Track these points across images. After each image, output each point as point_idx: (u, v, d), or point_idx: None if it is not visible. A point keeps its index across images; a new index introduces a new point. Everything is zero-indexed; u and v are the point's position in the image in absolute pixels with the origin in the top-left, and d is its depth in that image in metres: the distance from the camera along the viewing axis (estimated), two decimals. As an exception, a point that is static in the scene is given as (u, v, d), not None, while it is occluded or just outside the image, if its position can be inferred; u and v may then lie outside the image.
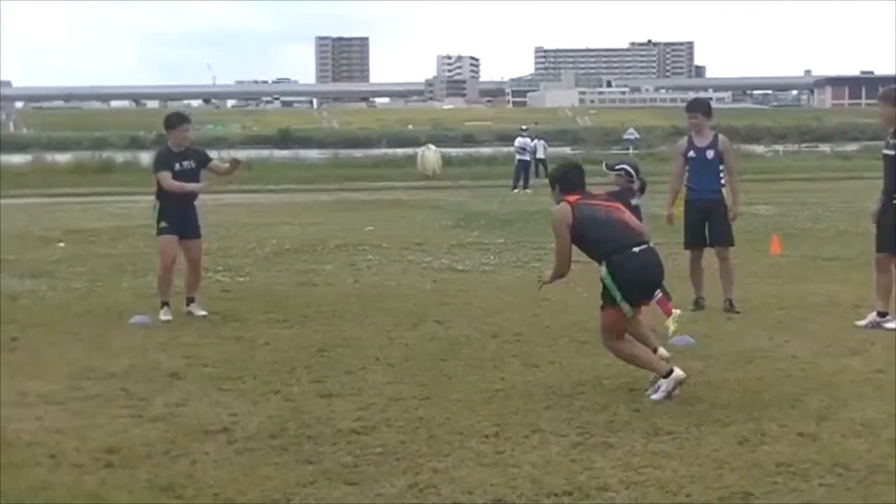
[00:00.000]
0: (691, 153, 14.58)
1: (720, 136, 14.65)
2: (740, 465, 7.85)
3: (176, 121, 14.72)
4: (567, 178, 10.35)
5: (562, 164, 11.13)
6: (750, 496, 7.24)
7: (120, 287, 17.17)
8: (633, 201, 12.51)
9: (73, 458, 8.14)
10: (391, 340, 12.63)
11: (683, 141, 14.92)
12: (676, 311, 10.96)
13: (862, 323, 13.14)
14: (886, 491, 7.30)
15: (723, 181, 14.54)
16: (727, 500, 7.19)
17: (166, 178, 14.26)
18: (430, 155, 47.56)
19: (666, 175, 15.44)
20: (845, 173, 51.35)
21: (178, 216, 14.42)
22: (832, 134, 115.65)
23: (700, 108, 14.73)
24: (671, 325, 11.05)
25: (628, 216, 10.26)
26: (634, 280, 9.94)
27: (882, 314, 13.12)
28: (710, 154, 14.50)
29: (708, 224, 14.56)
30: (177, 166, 14.34)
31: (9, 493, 7.35)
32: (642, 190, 13.19)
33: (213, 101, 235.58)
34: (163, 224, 14.42)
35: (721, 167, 14.51)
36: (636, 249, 9.95)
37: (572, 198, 10.11)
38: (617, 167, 13.26)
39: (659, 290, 10.29)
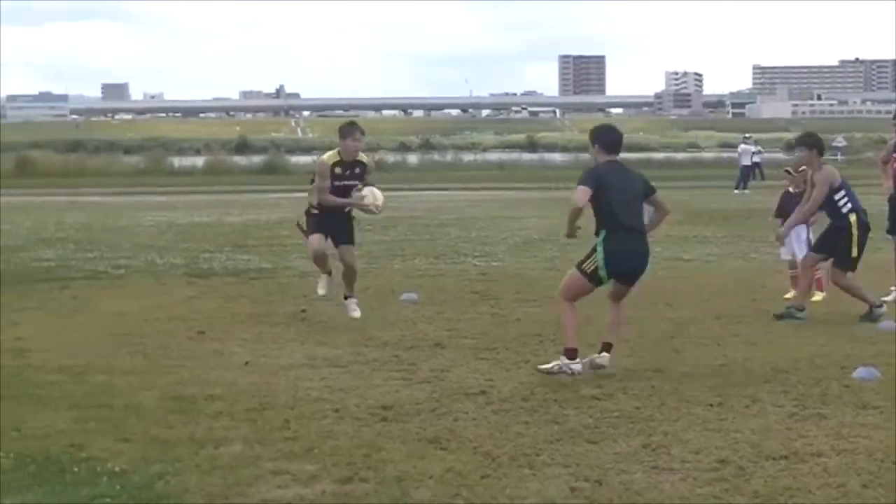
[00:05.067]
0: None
1: None
2: (945, 438, 7.55)
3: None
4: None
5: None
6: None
7: (392, 268, 17.42)
8: None
9: (353, 413, 8.30)
10: (627, 319, 12.49)
11: (890, 144, 14.56)
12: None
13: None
14: None
15: None
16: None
17: None
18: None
19: (871, 178, 14.85)
20: None
21: None
22: None
23: None
24: None
25: None
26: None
27: None
28: None
29: None
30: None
31: (301, 439, 7.54)
32: None
33: (470, 110, 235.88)
34: None
35: None
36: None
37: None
38: None
39: None
